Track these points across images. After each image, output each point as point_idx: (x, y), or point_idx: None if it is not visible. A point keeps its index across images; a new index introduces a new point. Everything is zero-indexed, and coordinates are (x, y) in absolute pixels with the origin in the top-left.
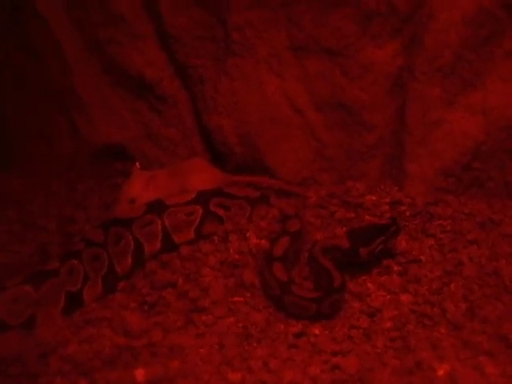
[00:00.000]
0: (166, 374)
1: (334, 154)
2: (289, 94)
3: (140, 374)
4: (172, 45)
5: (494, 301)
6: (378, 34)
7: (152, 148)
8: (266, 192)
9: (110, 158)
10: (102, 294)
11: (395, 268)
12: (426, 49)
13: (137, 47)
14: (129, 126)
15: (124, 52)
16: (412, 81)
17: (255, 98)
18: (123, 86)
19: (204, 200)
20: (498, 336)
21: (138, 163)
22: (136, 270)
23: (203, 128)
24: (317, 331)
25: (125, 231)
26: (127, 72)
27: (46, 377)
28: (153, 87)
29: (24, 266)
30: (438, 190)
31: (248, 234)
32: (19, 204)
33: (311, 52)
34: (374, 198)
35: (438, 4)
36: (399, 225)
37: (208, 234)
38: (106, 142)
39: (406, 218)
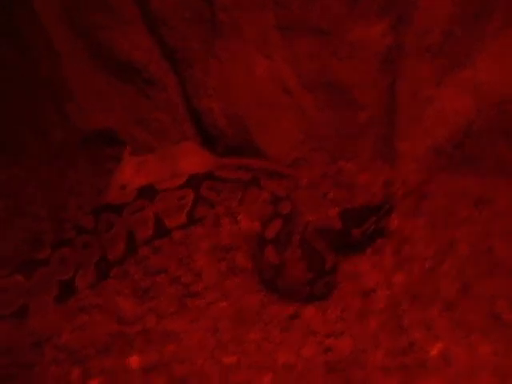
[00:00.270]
0: (161, 359)
1: (324, 134)
2: (278, 74)
3: (135, 360)
4: (159, 28)
5: (487, 278)
6: (366, 13)
7: (142, 132)
8: (257, 174)
9: (100, 144)
10: (94, 281)
11: (388, 248)
12: (415, 27)
13: (124, 31)
14: (118, 111)
15: (111, 36)
16: (402, 59)
17: (244, 79)
18: (112, 71)
19: (195, 184)
20: (492, 314)
21: (128, 148)
22: (128, 257)
23: (193, 111)
24: (310, 313)
25: (116, 217)
26: (115, 56)
27: (40, 366)
28: (140, 71)
29: (16, 254)
30: (431, 168)
31: (239, 218)
32: (10, 192)
33: (299, 32)
34: (366, 177)
35: None
36: (391, 204)
37: (200, 218)
38: (96, 127)
39: (398, 196)
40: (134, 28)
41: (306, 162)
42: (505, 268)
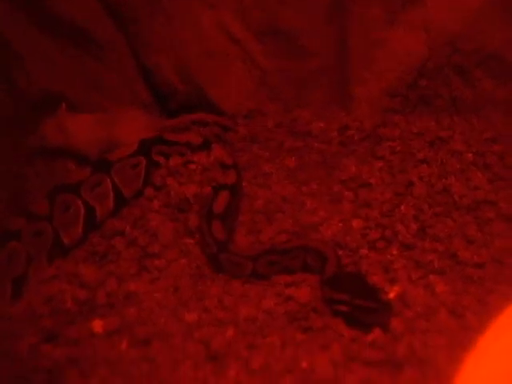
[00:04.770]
0: (123, 322)
1: (277, 82)
2: (225, 25)
3: (98, 324)
4: None
5: (444, 218)
6: None
7: (94, 94)
8: (209, 138)
9: (51, 109)
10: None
11: (346, 194)
12: None
13: None
14: (68, 75)
15: None
16: (350, 3)
17: (191, 33)
18: (58, 34)
19: (146, 150)
20: (449, 253)
21: (64, 104)
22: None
23: (144, 70)
24: None
25: (74, 197)
26: (59, 19)
27: None
28: (86, 32)
29: None
30: (386, 110)
31: (184, 180)
32: None
33: None
34: (321, 124)
35: None
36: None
37: (153, 183)
38: (46, 93)
39: (354, 141)
40: None
41: (261, 113)
42: (460, 207)
